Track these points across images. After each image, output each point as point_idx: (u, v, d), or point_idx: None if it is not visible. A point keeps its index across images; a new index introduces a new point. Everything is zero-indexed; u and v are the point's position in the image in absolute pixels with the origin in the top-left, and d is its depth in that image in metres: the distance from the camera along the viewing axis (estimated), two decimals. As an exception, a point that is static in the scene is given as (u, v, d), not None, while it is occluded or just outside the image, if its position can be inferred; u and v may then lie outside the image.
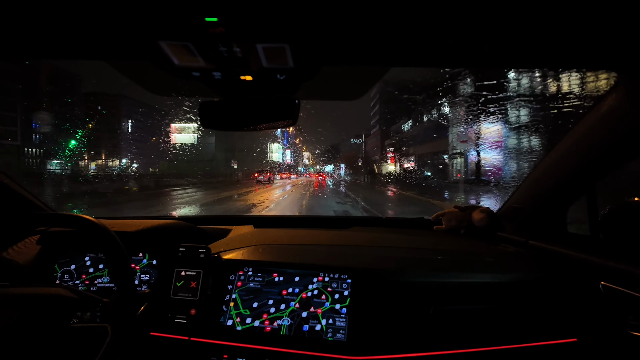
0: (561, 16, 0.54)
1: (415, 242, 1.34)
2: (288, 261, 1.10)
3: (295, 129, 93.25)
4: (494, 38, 0.59)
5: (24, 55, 0.71)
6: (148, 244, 1.23)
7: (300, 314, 1.00)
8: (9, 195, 1.27)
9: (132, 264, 1.22)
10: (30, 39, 0.63)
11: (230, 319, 1.02)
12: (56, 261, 1.23)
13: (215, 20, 0.46)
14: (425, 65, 0.71)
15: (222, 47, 0.52)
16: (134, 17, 0.48)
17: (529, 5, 0.51)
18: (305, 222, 1.86)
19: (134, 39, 0.52)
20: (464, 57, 0.67)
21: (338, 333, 0.96)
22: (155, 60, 0.56)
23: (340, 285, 1.04)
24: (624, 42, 0.63)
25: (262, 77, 0.63)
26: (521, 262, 1.14)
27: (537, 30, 0.58)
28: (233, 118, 0.74)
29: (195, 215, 1.77)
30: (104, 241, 0.89)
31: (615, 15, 0.54)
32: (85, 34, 0.61)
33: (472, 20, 0.54)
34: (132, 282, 0.90)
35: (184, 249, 1.12)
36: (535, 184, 1.25)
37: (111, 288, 1.20)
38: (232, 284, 1.08)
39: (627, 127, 0.87)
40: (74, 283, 1.22)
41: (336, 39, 0.58)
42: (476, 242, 1.36)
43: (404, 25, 0.56)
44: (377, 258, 1.14)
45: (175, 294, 1.06)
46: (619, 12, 0.53)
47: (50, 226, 1.21)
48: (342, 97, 1.01)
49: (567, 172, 1.10)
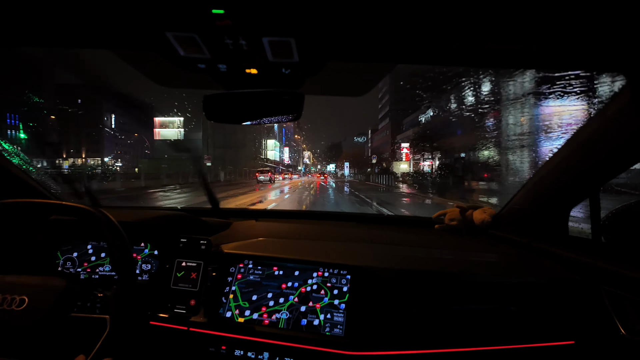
0: (569, 17, 0.53)
1: (416, 241, 1.34)
2: (288, 255, 1.11)
3: (294, 125, 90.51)
4: (501, 37, 0.59)
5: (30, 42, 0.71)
6: (150, 234, 1.23)
7: (299, 308, 1.01)
8: (13, 183, 1.29)
9: (134, 253, 1.23)
10: (37, 27, 0.64)
11: (229, 310, 1.03)
12: (59, 248, 1.25)
13: (222, 13, 0.46)
14: (431, 63, 0.70)
15: (228, 39, 0.52)
16: (141, 7, 0.48)
17: (537, 6, 0.51)
18: (307, 217, 1.87)
19: (141, 29, 0.52)
20: (471, 55, 0.67)
21: (336, 328, 0.97)
22: (161, 50, 0.56)
23: (339, 280, 1.04)
24: (631, 45, 0.62)
25: (268, 71, 0.63)
26: (522, 264, 1.14)
27: (545, 31, 0.57)
28: (237, 111, 0.74)
29: (197, 207, 1.78)
30: (108, 230, 0.90)
31: (624, 17, 0.54)
32: (93, 23, 0.61)
33: (480, 19, 0.54)
34: (134, 271, 0.90)
35: (185, 240, 1.13)
36: (538, 186, 1.24)
37: (112, 277, 1.21)
38: (232, 276, 1.09)
39: (634, 131, 0.86)
40: (76, 271, 1.23)
41: (342, 34, 0.58)
42: (477, 242, 1.36)
43: (410, 22, 0.56)
44: (377, 255, 1.14)
45: (176, 285, 1.07)
46: (627, 14, 0.53)
47: (54, 215, 1.22)
48: (347, 93, 1.01)
49: (571, 175, 1.09)
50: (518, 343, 0.95)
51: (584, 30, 0.57)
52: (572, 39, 0.59)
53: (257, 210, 2.17)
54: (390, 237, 1.37)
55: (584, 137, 1.01)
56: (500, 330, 0.97)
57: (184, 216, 1.40)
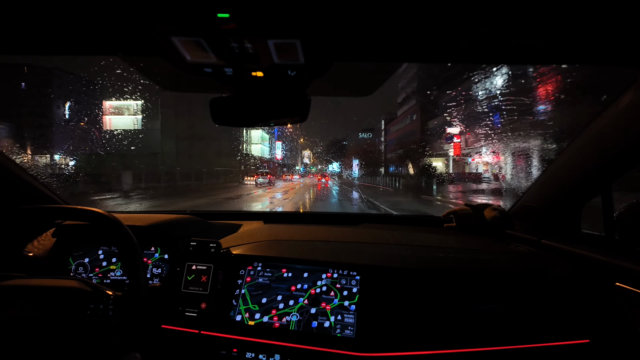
0: (578, 10, 0.52)
1: (425, 240, 1.33)
2: (297, 257, 1.11)
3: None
4: (508, 33, 0.58)
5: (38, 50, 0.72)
6: (160, 238, 1.24)
7: (309, 310, 1.01)
8: (24, 187, 1.31)
9: (145, 257, 1.24)
10: (45, 35, 0.65)
11: (239, 314, 1.03)
12: (70, 254, 1.26)
13: (227, 16, 0.46)
14: (437, 62, 0.70)
15: (233, 43, 0.52)
16: (146, 13, 0.48)
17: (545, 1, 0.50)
18: (315, 218, 1.87)
19: (147, 35, 0.53)
20: (479, 52, 0.66)
21: (347, 329, 0.96)
22: (168, 56, 0.57)
23: (349, 282, 1.04)
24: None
25: (273, 73, 0.63)
26: (533, 262, 1.13)
27: (554, 26, 0.56)
28: (244, 114, 0.75)
29: (206, 211, 1.79)
30: (118, 235, 0.91)
31: (634, 10, 0.52)
32: (99, 30, 0.62)
33: (487, 16, 0.53)
34: (145, 275, 0.91)
35: (195, 243, 1.13)
36: (549, 183, 1.22)
37: (124, 281, 1.23)
38: (242, 279, 1.09)
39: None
40: (88, 276, 1.24)
41: (347, 34, 0.58)
42: (487, 240, 1.34)
43: (415, 21, 0.55)
44: (387, 255, 1.14)
45: (186, 288, 1.07)
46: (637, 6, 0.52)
47: (65, 219, 1.24)
48: (353, 94, 1.00)
49: (582, 171, 1.07)
50: (532, 342, 0.93)
51: (593, 24, 0.56)
52: (582, 32, 0.58)
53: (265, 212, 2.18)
54: (398, 237, 1.37)
55: (595, 132, 0.99)
56: (513, 329, 0.96)
57: (193, 219, 1.41)
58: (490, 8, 0.51)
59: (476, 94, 23.16)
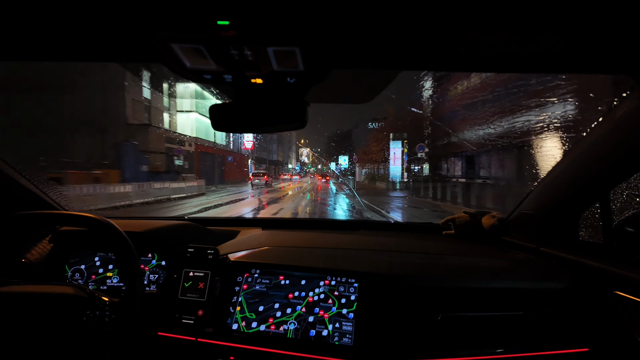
0: (577, 19, 0.53)
1: (424, 247, 1.33)
2: (295, 264, 1.10)
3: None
4: (506, 42, 0.59)
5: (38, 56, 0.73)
6: (157, 244, 1.24)
7: (307, 319, 1.00)
8: (20, 192, 1.30)
9: (142, 264, 1.23)
10: (45, 41, 0.65)
11: (236, 322, 1.02)
12: (67, 260, 1.25)
13: (226, 24, 0.47)
14: (436, 69, 0.71)
15: (233, 50, 0.53)
16: (147, 21, 0.49)
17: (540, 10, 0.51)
18: (314, 224, 1.86)
19: (147, 42, 0.53)
20: (476, 61, 0.67)
21: (345, 337, 0.95)
22: (167, 62, 0.57)
23: (347, 289, 1.03)
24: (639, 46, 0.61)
25: (273, 80, 0.63)
26: (532, 269, 1.12)
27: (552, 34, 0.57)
28: (243, 120, 0.75)
29: (204, 217, 1.78)
30: (115, 241, 0.90)
31: (632, 18, 0.53)
32: (100, 37, 0.62)
33: (485, 24, 0.54)
34: (142, 282, 0.90)
35: (192, 249, 1.13)
36: (547, 190, 1.23)
37: (121, 288, 1.22)
38: (239, 285, 1.08)
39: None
40: (85, 282, 1.23)
41: (347, 42, 0.58)
42: (486, 248, 1.34)
43: (414, 29, 0.56)
44: (385, 262, 1.13)
45: (183, 295, 1.06)
46: (635, 15, 0.52)
47: (62, 225, 1.23)
48: (352, 101, 1.01)
49: (581, 178, 1.08)
50: (531, 350, 0.93)
51: (592, 33, 0.56)
52: (580, 41, 0.59)
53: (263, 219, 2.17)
54: (397, 244, 1.36)
55: (593, 140, 0.99)
56: (512, 337, 0.95)
57: (191, 226, 1.40)
58: (489, 16, 0.52)
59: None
